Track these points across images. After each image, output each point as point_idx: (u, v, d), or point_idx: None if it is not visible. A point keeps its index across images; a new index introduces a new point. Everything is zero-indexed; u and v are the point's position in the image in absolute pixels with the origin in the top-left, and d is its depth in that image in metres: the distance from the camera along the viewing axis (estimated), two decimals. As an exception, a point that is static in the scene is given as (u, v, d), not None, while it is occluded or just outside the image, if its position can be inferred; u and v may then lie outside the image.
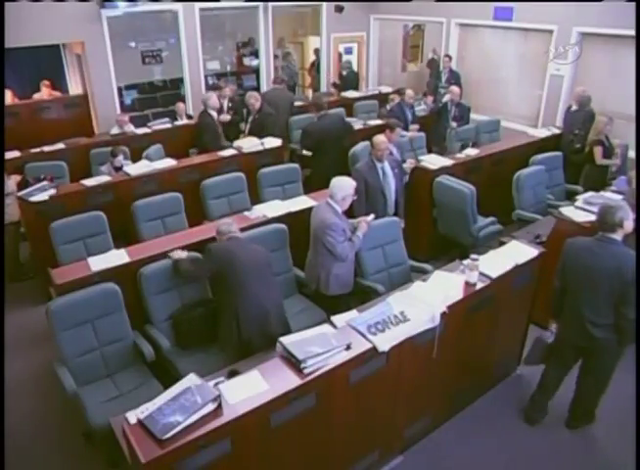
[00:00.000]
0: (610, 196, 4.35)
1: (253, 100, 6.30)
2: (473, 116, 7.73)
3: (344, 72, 9.35)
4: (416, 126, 6.68)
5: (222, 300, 3.42)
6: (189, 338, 3.52)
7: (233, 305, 3.26)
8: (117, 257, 3.74)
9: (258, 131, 6.14)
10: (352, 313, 2.97)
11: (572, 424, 3.46)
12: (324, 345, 2.60)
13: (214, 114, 6.44)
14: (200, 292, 3.70)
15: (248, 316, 3.24)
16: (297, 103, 7.72)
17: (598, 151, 5.57)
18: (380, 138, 4.51)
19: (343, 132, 6.07)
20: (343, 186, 3.66)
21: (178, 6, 7.85)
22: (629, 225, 2.96)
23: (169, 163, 5.50)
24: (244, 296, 3.25)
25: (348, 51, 10.08)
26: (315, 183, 5.33)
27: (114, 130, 6.72)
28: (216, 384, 2.44)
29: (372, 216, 3.80)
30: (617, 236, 2.96)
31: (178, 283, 3.59)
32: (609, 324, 3.02)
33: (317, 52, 10.19)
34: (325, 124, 5.91)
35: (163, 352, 3.38)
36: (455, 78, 8.27)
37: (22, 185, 5.18)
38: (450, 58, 8.45)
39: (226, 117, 6.97)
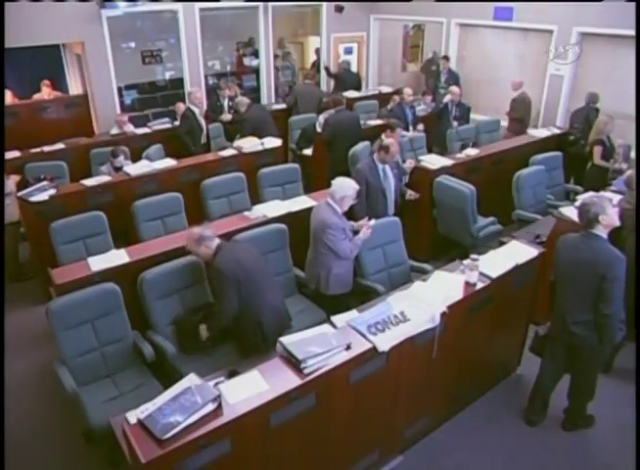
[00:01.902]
0: (609, 196, 4.34)
1: (240, 106, 6.55)
2: (473, 116, 7.73)
3: (337, 70, 9.31)
4: (420, 126, 6.70)
5: (240, 311, 3.28)
6: (192, 343, 3.47)
7: (253, 314, 3.24)
8: (117, 257, 3.74)
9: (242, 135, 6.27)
10: (352, 313, 2.97)
11: (567, 426, 3.46)
12: (324, 345, 2.60)
13: (196, 109, 6.52)
14: (201, 296, 3.68)
15: (269, 321, 3.27)
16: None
17: (597, 151, 5.58)
18: (391, 141, 4.52)
19: (358, 130, 6.17)
20: (343, 186, 3.66)
21: (178, 6, 7.85)
22: (609, 219, 2.96)
23: (169, 163, 5.50)
24: (261, 303, 3.25)
25: (348, 51, 10.07)
26: (326, 177, 5.39)
27: (114, 130, 6.73)
28: (216, 384, 2.43)
29: (373, 221, 3.80)
30: (599, 231, 2.97)
31: (179, 287, 3.56)
32: (589, 321, 3.02)
33: (318, 52, 10.19)
34: (341, 118, 6.07)
35: (168, 358, 3.34)
36: (454, 79, 8.28)
37: (21, 185, 5.18)
38: (448, 59, 8.47)
39: (227, 117, 6.99)
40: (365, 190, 4.33)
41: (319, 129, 6.44)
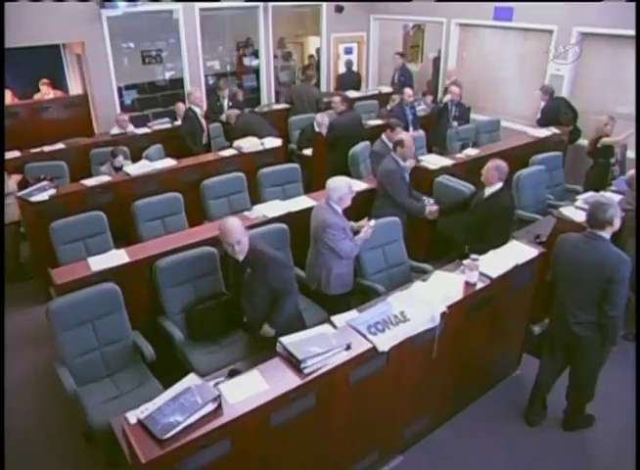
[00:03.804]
0: (610, 196, 4.34)
1: (230, 119, 6.66)
2: (473, 116, 7.73)
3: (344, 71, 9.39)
4: (420, 132, 6.71)
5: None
6: (201, 330, 3.56)
7: (295, 301, 3.39)
8: (117, 257, 3.74)
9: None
10: (352, 313, 2.97)
11: (567, 426, 3.46)
12: (324, 345, 2.60)
13: (197, 109, 6.52)
14: (213, 285, 3.73)
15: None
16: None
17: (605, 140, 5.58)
18: (403, 136, 4.55)
19: (360, 131, 6.17)
20: (338, 186, 3.64)
21: (178, 6, 7.85)
22: (618, 223, 2.99)
23: (169, 163, 5.50)
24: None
25: (348, 51, 10.07)
26: (326, 177, 5.39)
27: (114, 130, 6.73)
28: (216, 384, 2.44)
29: (373, 222, 3.80)
30: (605, 234, 2.97)
31: (192, 276, 3.63)
32: (591, 322, 3.03)
33: (317, 51, 10.19)
34: (345, 120, 6.07)
35: (176, 344, 3.43)
36: (406, 76, 8.50)
37: (22, 185, 5.18)
38: (402, 55, 8.76)
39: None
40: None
41: (317, 129, 6.44)
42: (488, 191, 4.08)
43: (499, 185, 4.04)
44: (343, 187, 3.65)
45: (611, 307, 2.92)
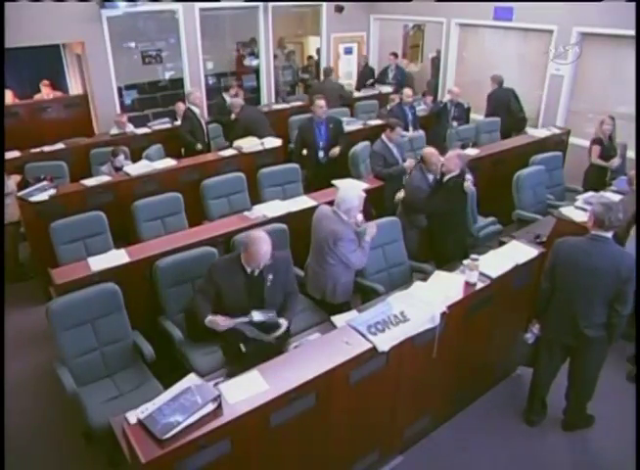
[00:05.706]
0: (610, 196, 4.34)
1: (233, 107, 6.66)
2: (473, 116, 7.73)
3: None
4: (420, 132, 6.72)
5: None
6: (201, 330, 3.51)
7: None
8: (117, 257, 3.74)
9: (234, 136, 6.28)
10: (352, 313, 2.97)
11: (566, 426, 3.46)
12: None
13: (196, 109, 6.51)
14: None
15: None
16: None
17: (595, 150, 5.58)
18: (427, 151, 4.59)
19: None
20: (349, 198, 3.54)
21: (178, 6, 7.85)
22: None
23: (169, 163, 5.50)
24: None
25: (348, 51, 10.08)
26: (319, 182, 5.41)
27: (114, 130, 6.73)
28: (216, 384, 2.44)
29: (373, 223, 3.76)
30: (610, 234, 2.96)
31: (193, 276, 3.62)
32: (602, 323, 3.02)
33: (318, 51, 10.19)
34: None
35: (176, 344, 3.43)
36: (401, 75, 8.61)
37: (22, 185, 5.18)
38: (396, 55, 8.87)
39: (233, 117, 6.99)
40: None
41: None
42: (447, 176, 4.33)
43: (457, 171, 4.33)
44: (354, 200, 3.52)
45: (624, 307, 2.92)
